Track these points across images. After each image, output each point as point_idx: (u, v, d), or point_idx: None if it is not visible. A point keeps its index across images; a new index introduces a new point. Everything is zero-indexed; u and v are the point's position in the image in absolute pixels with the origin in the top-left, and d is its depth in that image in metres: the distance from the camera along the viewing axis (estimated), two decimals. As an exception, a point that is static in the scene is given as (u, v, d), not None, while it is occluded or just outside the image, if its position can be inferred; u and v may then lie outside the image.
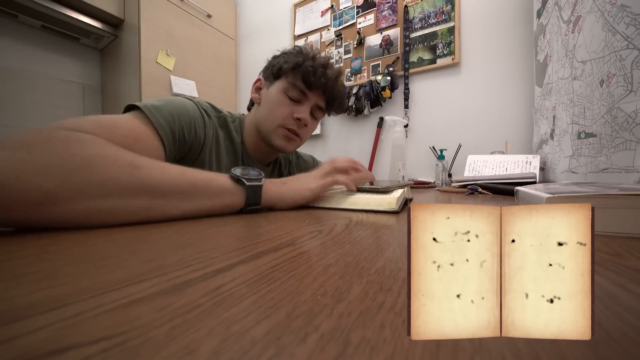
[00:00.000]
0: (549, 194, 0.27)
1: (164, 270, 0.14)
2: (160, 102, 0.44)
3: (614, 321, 0.10)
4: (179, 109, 0.46)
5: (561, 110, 0.76)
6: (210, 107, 0.56)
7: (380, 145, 1.51)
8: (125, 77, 1.49)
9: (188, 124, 0.47)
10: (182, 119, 0.46)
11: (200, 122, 0.50)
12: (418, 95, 1.44)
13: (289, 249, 0.19)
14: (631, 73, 0.49)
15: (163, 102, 0.44)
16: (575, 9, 0.68)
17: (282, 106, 0.57)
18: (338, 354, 0.08)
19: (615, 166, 0.53)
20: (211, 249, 0.19)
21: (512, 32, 1.21)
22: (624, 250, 0.19)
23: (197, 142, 0.49)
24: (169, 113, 0.44)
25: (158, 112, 0.42)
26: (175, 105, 0.46)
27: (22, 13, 1.32)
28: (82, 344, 0.08)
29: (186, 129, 0.46)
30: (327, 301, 0.12)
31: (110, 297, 0.11)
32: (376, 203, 0.38)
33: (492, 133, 1.24)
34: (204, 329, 0.09)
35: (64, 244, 0.20)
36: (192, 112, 0.49)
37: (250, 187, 0.35)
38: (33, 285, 0.13)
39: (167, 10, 1.55)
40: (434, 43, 1.37)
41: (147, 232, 0.24)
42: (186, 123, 0.46)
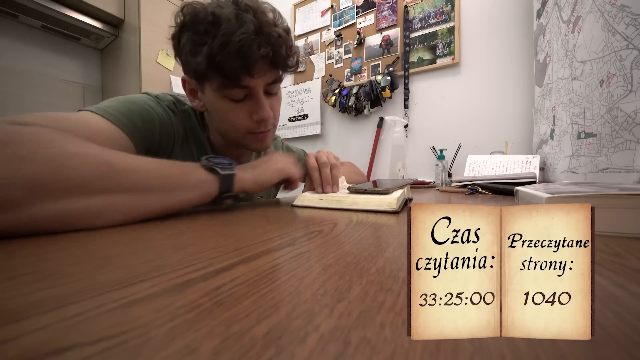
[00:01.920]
0: (549, 194, 0.27)
1: (164, 270, 0.14)
2: (117, 103, 0.39)
3: (614, 321, 0.10)
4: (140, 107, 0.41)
5: (561, 110, 0.76)
6: (172, 101, 0.48)
7: (380, 145, 1.51)
8: (126, 77, 1.49)
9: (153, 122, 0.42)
10: (144, 116, 0.41)
11: (167, 120, 0.45)
12: (418, 95, 1.44)
13: (289, 249, 0.19)
14: (631, 73, 0.49)
15: (119, 103, 0.40)
16: (575, 9, 0.68)
17: (233, 114, 0.44)
18: (338, 354, 0.08)
19: (615, 166, 0.53)
20: (211, 249, 0.19)
21: (512, 32, 1.21)
22: (624, 250, 0.19)
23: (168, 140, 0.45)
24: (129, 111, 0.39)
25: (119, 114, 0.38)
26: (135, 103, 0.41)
27: (22, 13, 1.32)
28: (82, 344, 0.08)
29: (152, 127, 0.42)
30: (327, 301, 0.12)
31: (110, 297, 0.11)
32: (376, 203, 0.38)
33: (492, 133, 1.24)
34: (204, 329, 0.09)
35: (64, 244, 0.20)
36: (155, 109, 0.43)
37: (224, 176, 0.35)
38: (33, 285, 0.13)
39: (167, 10, 1.55)
40: (434, 43, 1.37)
41: (147, 232, 0.24)
42: (149, 121, 0.42)
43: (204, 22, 0.38)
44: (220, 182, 0.35)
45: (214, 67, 0.39)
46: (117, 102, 0.40)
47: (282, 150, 0.74)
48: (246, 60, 0.38)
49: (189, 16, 0.40)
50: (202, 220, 0.31)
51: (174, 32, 0.42)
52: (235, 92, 0.42)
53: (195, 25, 0.39)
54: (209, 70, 0.39)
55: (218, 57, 0.37)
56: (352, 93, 1.57)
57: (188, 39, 0.40)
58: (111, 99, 0.41)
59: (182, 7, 0.41)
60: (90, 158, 0.26)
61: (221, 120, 0.46)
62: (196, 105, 0.48)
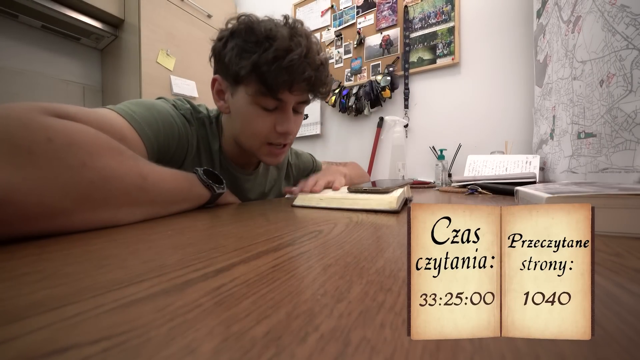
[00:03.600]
0: (549, 194, 0.27)
1: (164, 270, 0.14)
2: (143, 110, 0.40)
3: (614, 321, 0.10)
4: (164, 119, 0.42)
5: (561, 110, 0.76)
6: (189, 110, 0.49)
7: (380, 145, 1.51)
8: (126, 77, 1.49)
9: (173, 136, 0.44)
10: (167, 130, 0.42)
11: (184, 133, 0.46)
12: (418, 95, 1.44)
13: (289, 249, 0.19)
14: (631, 73, 0.49)
15: (146, 109, 0.40)
16: (575, 9, 0.68)
17: (259, 120, 0.46)
18: (338, 354, 0.08)
19: (615, 166, 0.53)
20: (211, 249, 0.19)
21: (512, 32, 1.21)
22: (624, 250, 0.19)
23: (180, 153, 0.47)
24: (154, 121, 0.40)
25: (144, 122, 0.39)
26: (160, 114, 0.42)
27: (23, 13, 1.31)
28: (82, 344, 0.08)
29: (171, 141, 0.44)
30: (327, 301, 0.12)
31: (110, 297, 0.11)
32: (376, 203, 0.38)
33: (492, 133, 1.24)
34: (204, 329, 0.09)
35: (64, 244, 0.20)
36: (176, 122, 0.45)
37: (218, 194, 0.40)
38: (33, 285, 0.13)
39: (167, 10, 1.55)
40: (434, 43, 1.37)
41: (147, 232, 0.24)
42: (171, 134, 0.43)
43: (258, 33, 0.42)
44: (211, 197, 0.40)
45: (258, 75, 0.42)
46: (144, 108, 0.41)
47: (290, 156, 0.74)
48: (291, 78, 0.43)
49: (244, 25, 0.44)
50: (202, 220, 0.31)
51: (222, 35, 0.46)
52: (269, 102, 0.45)
53: (249, 34, 0.43)
54: (250, 76, 0.43)
55: (264, 67, 0.41)
56: (352, 93, 1.57)
57: (237, 44, 0.43)
58: (138, 104, 0.41)
59: (239, 16, 0.45)
60: (131, 170, 0.28)
61: (245, 123, 0.48)
62: (220, 106, 0.50)
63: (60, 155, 0.22)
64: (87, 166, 0.23)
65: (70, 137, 0.24)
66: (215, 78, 0.49)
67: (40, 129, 0.22)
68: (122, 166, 0.27)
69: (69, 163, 0.23)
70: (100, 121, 0.32)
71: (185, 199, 0.36)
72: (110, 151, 0.27)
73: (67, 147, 0.23)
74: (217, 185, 0.40)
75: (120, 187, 0.26)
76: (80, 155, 0.23)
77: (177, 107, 0.47)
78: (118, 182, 0.26)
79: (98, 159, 0.25)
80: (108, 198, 0.25)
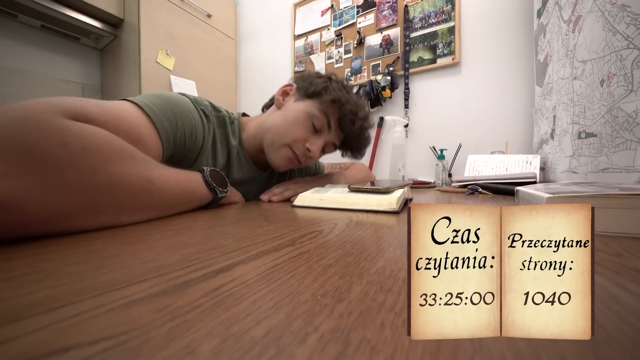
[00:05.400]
0: (549, 194, 0.27)
1: (164, 271, 0.14)
2: (162, 102, 0.41)
3: (614, 321, 0.10)
4: (182, 112, 0.43)
5: (561, 110, 0.76)
6: (209, 107, 0.52)
7: (380, 145, 1.51)
8: (125, 77, 1.49)
9: (190, 129, 0.45)
10: (185, 123, 0.43)
11: (200, 128, 0.48)
12: (418, 95, 1.44)
13: (289, 249, 0.19)
14: (631, 73, 0.49)
15: (165, 102, 0.41)
16: (575, 8, 0.68)
17: (300, 128, 0.54)
18: (338, 354, 0.08)
19: (615, 166, 0.53)
20: (211, 249, 0.19)
21: (512, 32, 1.21)
22: (624, 250, 0.19)
23: (195, 148, 0.48)
24: (172, 114, 0.41)
25: (162, 115, 0.40)
26: (178, 106, 0.43)
27: (22, 13, 1.31)
28: (82, 344, 0.08)
29: (187, 134, 0.44)
30: (327, 301, 0.12)
31: (110, 297, 0.11)
32: (376, 203, 0.38)
33: (492, 133, 1.24)
34: (204, 329, 0.09)
35: (63, 244, 0.20)
36: (194, 116, 0.46)
37: (220, 196, 0.41)
38: (33, 285, 0.13)
39: (167, 10, 1.55)
40: (434, 43, 1.37)
41: (147, 232, 0.24)
42: (188, 128, 0.44)
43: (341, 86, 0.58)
44: (213, 199, 0.41)
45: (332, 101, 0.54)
46: (164, 101, 0.41)
47: None
48: (347, 125, 0.56)
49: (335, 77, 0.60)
50: (202, 220, 0.31)
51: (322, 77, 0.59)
52: (320, 123, 0.54)
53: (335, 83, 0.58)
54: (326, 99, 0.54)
55: (337, 103, 0.55)
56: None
57: (328, 79, 0.58)
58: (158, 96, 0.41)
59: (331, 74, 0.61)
60: (141, 174, 0.28)
61: (286, 122, 0.54)
62: (277, 100, 0.58)
63: (73, 160, 0.22)
64: (97, 172, 0.24)
65: (85, 142, 0.23)
66: (291, 84, 0.59)
67: (57, 134, 0.22)
68: (131, 171, 0.27)
69: (80, 168, 0.22)
70: (119, 118, 0.32)
71: (188, 201, 0.36)
72: (122, 156, 0.27)
73: (81, 152, 0.23)
74: (220, 190, 0.41)
75: (126, 191, 0.26)
76: (93, 161, 0.23)
77: (196, 103, 0.49)
78: (125, 187, 0.26)
79: (110, 165, 0.25)
80: (113, 203, 0.25)
